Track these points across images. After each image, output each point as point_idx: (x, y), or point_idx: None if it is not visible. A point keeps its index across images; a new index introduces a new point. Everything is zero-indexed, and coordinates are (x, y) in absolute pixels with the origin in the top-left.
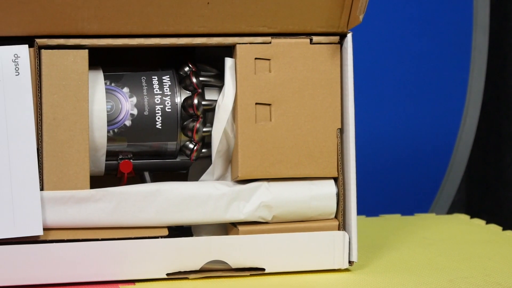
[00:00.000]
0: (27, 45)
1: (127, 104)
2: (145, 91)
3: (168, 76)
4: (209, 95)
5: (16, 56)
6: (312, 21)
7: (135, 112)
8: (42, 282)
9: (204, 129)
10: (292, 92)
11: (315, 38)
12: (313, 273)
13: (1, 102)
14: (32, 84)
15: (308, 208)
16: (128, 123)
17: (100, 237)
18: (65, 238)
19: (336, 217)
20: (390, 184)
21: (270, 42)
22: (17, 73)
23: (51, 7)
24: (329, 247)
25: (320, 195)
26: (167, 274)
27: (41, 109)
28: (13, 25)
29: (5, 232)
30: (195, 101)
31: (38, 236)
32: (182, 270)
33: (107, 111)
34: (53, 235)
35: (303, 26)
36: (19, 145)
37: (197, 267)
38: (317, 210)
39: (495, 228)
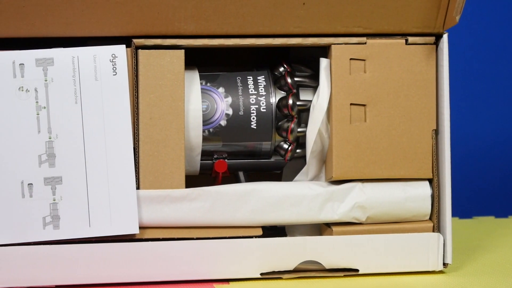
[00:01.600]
0: (124, 45)
1: (223, 104)
2: (240, 91)
3: (263, 76)
4: (304, 95)
5: (113, 56)
6: (408, 21)
7: (230, 112)
8: (137, 280)
9: (299, 130)
10: (387, 92)
11: (411, 39)
12: (407, 274)
13: (98, 102)
14: (129, 84)
15: (403, 209)
16: (223, 123)
17: (195, 236)
18: (160, 236)
19: (430, 218)
20: (484, 185)
21: (365, 43)
22: (114, 73)
23: (148, 8)
24: (423, 248)
25: (414, 197)
26: (261, 274)
27: (137, 108)
28: (111, 25)
29: (101, 230)
30: (290, 101)
31: (134, 235)
32: (276, 270)
33: (203, 111)
34: (148, 234)
35: (399, 27)
36: (116, 144)
37: (291, 267)
38: (411, 211)
39: None
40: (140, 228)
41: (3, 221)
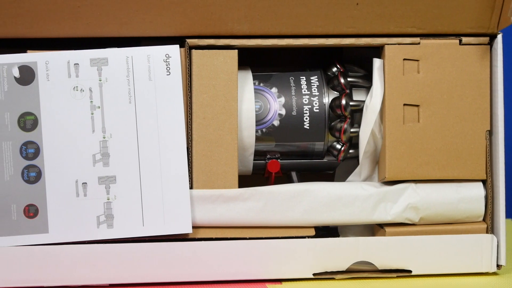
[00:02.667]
0: (178, 45)
1: (276, 104)
2: (293, 91)
3: (316, 77)
4: (357, 95)
5: (167, 56)
6: (462, 21)
7: (283, 112)
8: (190, 279)
9: (352, 130)
10: (441, 93)
11: (465, 39)
12: (460, 276)
13: (152, 102)
14: (182, 84)
15: (456, 210)
16: (276, 123)
17: (247, 236)
18: (213, 236)
19: (484, 220)
20: None
21: (419, 43)
22: (168, 73)
23: (202, 8)
24: (476, 250)
25: (468, 198)
26: (314, 274)
27: (191, 108)
28: (165, 25)
29: (155, 229)
30: (343, 101)
31: (187, 234)
32: (328, 271)
33: (256, 111)
34: (201, 233)
35: (452, 27)
36: (169, 144)
37: (344, 268)
38: (464, 212)
39: None
40: (193, 227)
41: (58, 220)
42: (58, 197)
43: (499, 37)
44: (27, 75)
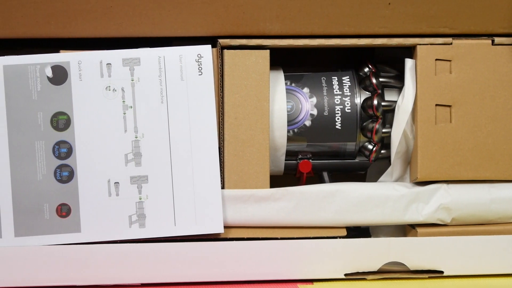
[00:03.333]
0: (210, 45)
1: (307, 104)
2: (325, 91)
3: (347, 77)
4: (389, 96)
5: (199, 56)
6: (494, 22)
7: (315, 112)
8: (222, 279)
9: (384, 130)
10: (473, 93)
11: (497, 39)
12: (492, 277)
13: (184, 102)
14: (214, 84)
15: (488, 211)
16: (308, 123)
17: (279, 236)
18: (245, 236)
19: None
20: None
21: (451, 43)
22: (200, 73)
23: (234, 8)
24: (509, 251)
25: (500, 198)
26: (345, 275)
27: (223, 108)
28: (197, 25)
29: (187, 229)
30: (375, 102)
31: (218, 234)
32: (360, 271)
33: (287, 111)
34: (233, 233)
35: (485, 27)
36: (201, 144)
37: (375, 268)
38: (497, 213)
39: None
40: (225, 227)
41: (90, 219)
42: (91, 196)
43: None
44: (60, 75)
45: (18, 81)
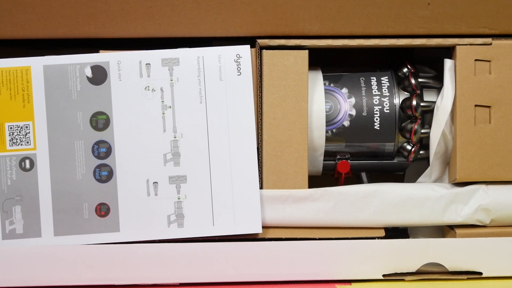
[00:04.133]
0: (249, 46)
1: (346, 105)
2: (363, 91)
3: (386, 77)
4: (428, 96)
5: (238, 56)
6: None
7: (353, 112)
8: (259, 279)
9: (422, 131)
10: None
11: None
12: None
13: (223, 102)
14: (253, 84)
15: None
16: (346, 123)
17: (317, 237)
18: (283, 236)
19: None
20: None
21: (490, 44)
22: (239, 73)
23: (273, 8)
24: None
25: None
26: (383, 275)
27: (261, 108)
28: (236, 25)
29: (225, 229)
30: (414, 102)
31: (257, 234)
32: (398, 272)
33: (326, 111)
34: (271, 233)
35: None
36: (240, 144)
37: (414, 269)
38: None
39: None
40: (263, 227)
41: (129, 219)
42: (129, 196)
43: None
44: (99, 75)
45: (58, 81)
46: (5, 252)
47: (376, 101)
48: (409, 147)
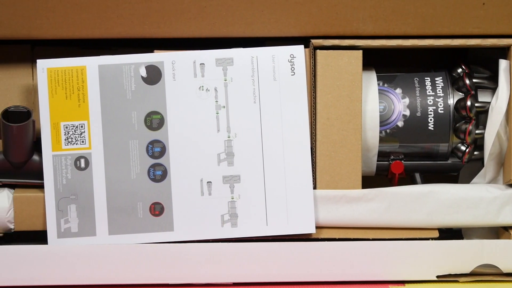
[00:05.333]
0: (303, 46)
1: (400, 105)
2: (417, 92)
3: (440, 78)
4: (482, 97)
5: (292, 56)
6: None
7: (407, 113)
8: (313, 279)
9: (477, 132)
10: None
11: None
12: None
13: (276, 102)
14: (307, 84)
15: None
16: (400, 124)
17: (370, 237)
18: (336, 237)
19: None
20: None
21: None
22: (292, 73)
23: (327, 8)
24: None
25: None
26: (437, 276)
27: (315, 109)
28: (290, 25)
29: (278, 229)
30: (468, 103)
31: (310, 234)
32: (452, 273)
33: (380, 112)
34: (324, 234)
35: None
36: (293, 144)
37: (468, 271)
38: None
39: None
40: (316, 227)
41: (183, 218)
42: (183, 195)
43: None
44: (154, 75)
45: (113, 81)
46: (60, 250)
47: (430, 101)
48: (463, 148)
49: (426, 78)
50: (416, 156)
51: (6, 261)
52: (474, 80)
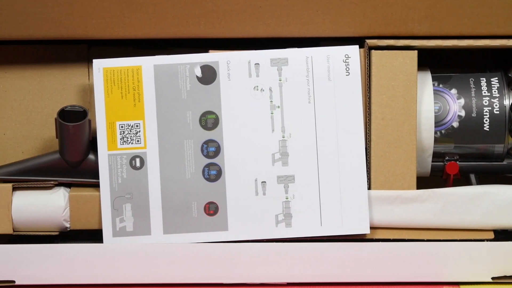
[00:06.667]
0: (357, 46)
1: (455, 106)
2: (473, 92)
3: (496, 78)
4: None
5: (346, 56)
6: None
7: (462, 113)
8: (367, 280)
9: None
10: None
11: None
12: None
13: (331, 102)
14: (361, 84)
15: None
16: (455, 124)
17: (425, 238)
18: (391, 237)
19: None
20: None
21: None
22: (347, 73)
23: (382, 8)
24: None
25: None
26: (492, 278)
27: (370, 109)
28: (345, 26)
29: (333, 229)
30: None
31: (364, 235)
32: (508, 275)
33: (435, 112)
34: (379, 234)
35: None
36: (348, 144)
37: None
38: None
39: None
40: (370, 228)
41: (237, 218)
42: (238, 195)
43: None
44: (209, 75)
45: (168, 81)
46: (116, 249)
47: (485, 102)
48: None
49: (481, 79)
50: (471, 157)
51: (61, 259)
52: None
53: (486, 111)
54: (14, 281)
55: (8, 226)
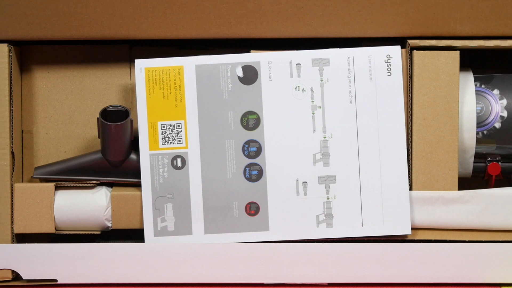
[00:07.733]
0: (399, 46)
1: (497, 106)
2: None
3: None
4: None
5: (388, 56)
6: None
7: (504, 114)
8: (407, 281)
9: None
10: None
11: None
12: None
13: (373, 102)
14: (403, 85)
15: None
16: (497, 125)
17: (466, 239)
18: (432, 238)
19: None
20: None
21: None
22: (389, 74)
23: (424, 9)
24: None
25: None
26: None
27: (411, 109)
28: (387, 26)
29: (374, 230)
30: None
31: (405, 235)
32: None
33: (477, 113)
34: (420, 235)
35: None
36: (389, 145)
37: None
38: None
39: None
40: (412, 229)
41: (278, 218)
42: (279, 195)
43: None
44: (250, 75)
45: (210, 81)
46: (157, 249)
47: None
48: None
49: None
50: None
51: (103, 258)
52: None
53: None
54: (56, 280)
55: (50, 225)
